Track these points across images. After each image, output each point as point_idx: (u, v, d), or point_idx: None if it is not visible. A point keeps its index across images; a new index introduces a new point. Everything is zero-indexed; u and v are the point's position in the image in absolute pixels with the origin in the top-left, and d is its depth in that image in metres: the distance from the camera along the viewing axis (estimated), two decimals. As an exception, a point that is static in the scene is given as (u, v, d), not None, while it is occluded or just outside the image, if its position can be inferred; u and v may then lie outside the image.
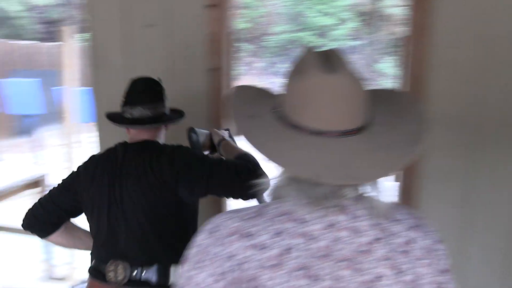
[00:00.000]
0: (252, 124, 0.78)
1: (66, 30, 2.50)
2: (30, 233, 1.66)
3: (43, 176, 3.17)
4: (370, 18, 14.51)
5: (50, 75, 11.24)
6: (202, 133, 1.76)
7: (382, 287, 0.72)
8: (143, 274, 1.50)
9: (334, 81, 0.72)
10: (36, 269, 3.42)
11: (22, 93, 6.20)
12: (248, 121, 0.78)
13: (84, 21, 2.18)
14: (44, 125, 10.91)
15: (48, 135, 10.97)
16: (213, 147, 1.75)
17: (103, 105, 2.25)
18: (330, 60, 0.75)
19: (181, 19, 2.07)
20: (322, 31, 14.64)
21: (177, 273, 1.51)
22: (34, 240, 3.22)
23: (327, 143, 0.72)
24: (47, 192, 1.67)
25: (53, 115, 11.08)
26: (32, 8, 16.00)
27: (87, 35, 2.21)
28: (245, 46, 14.65)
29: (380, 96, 0.83)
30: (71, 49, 2.52)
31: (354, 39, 14.49)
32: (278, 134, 0.74)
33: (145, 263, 1.51)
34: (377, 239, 0.74)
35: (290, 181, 0.75)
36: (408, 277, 0.73)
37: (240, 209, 0.79)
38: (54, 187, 1.67)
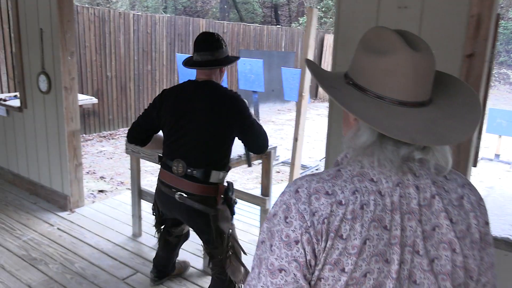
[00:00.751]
0: (340, 93, 0.87)
1: (310, 12, 2.53)
2: (134, 144, 2.45)
3: (273, 148, 3.37)
4: None
5: (273, 56, 12.12)
6: None
7: (439, 235, 0.84)
8: (194, 172, 2.21)
9: (419, 58, 0.82)
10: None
11: (248, 71, 6.75)
12: (335, 91, 0.88)
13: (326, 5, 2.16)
14: (266, 102, 11.86)
15: (270, 111, 11.87)
16: None
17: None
18: (411, 39, 0.85)
19: (436, 1, 1.88)
20: None
21: (214, 176, 2.24)
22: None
23: (409, 112, 0.83)
24: (139, 117, 2.41)
25: (275, 93, 11.94)
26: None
27: (326, 19, 2.18)
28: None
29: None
30: (309, 32, 2.55)
31: None
32: (367, 104, 0.84)
33: (197, 165, 2.21)
34: (436, 195, 0.86)
35: (371, 146, 0.85)
36: (461, 227, 0.86)
37: (316, 173, 0.89)
38: (143, 113, 2.40)
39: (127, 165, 6.38)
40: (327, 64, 13.91)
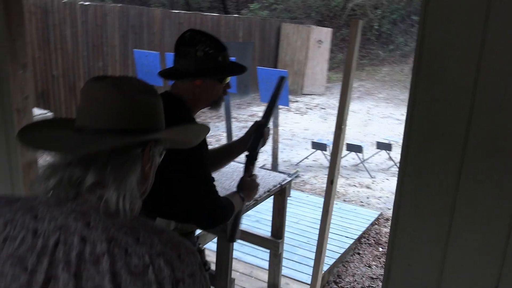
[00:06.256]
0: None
1: (355, 24, 1.98)
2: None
3: (288, 182, 2.85)
4: None
5: (232, 48, 11.34)
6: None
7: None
8: None
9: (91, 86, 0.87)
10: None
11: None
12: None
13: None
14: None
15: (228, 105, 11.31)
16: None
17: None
18: (103, 76, 0.89)
19: None
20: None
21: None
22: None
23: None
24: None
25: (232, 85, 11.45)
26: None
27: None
28: None
29: None
30: (353, 49, 2.00)
31: None
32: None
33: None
34: (106, 253, 0.76)
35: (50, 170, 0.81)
36: None
37: (8, 195, 0.86)
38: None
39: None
40: (284, 54, 13.42)
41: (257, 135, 1.88)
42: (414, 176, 1.79)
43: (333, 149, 2.28)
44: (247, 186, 1.82)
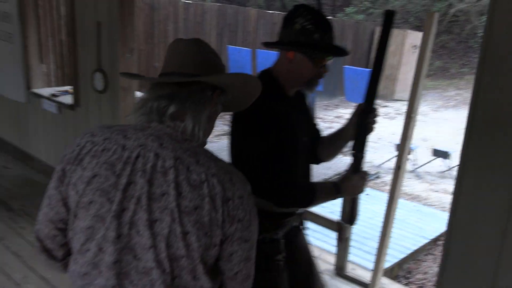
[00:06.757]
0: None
1: (430, 17, 2.05)
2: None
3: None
4: None
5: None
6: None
7: (166, 202, 0.97)
8: None
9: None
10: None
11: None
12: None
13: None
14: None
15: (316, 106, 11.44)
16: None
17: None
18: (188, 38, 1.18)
19: None
20: None
21: None
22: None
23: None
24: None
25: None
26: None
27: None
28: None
29: None
30: (427, 42, 2.08)
31: None
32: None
33: None
34: (172, 167, 0.99)
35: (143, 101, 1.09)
36: (188, 203, 0.98)
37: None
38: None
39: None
40: (377, 58, 13.19)
41: (360, 123, 1.65)
42: (475, 163, 1.79)
43: (402, 137, 2.36)
44: (348, 180, 1.64)
